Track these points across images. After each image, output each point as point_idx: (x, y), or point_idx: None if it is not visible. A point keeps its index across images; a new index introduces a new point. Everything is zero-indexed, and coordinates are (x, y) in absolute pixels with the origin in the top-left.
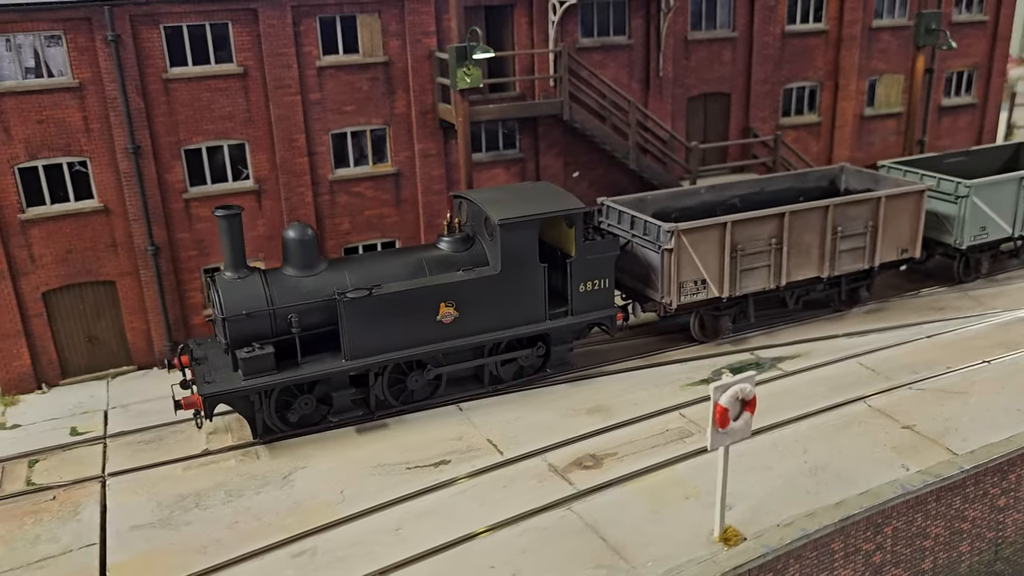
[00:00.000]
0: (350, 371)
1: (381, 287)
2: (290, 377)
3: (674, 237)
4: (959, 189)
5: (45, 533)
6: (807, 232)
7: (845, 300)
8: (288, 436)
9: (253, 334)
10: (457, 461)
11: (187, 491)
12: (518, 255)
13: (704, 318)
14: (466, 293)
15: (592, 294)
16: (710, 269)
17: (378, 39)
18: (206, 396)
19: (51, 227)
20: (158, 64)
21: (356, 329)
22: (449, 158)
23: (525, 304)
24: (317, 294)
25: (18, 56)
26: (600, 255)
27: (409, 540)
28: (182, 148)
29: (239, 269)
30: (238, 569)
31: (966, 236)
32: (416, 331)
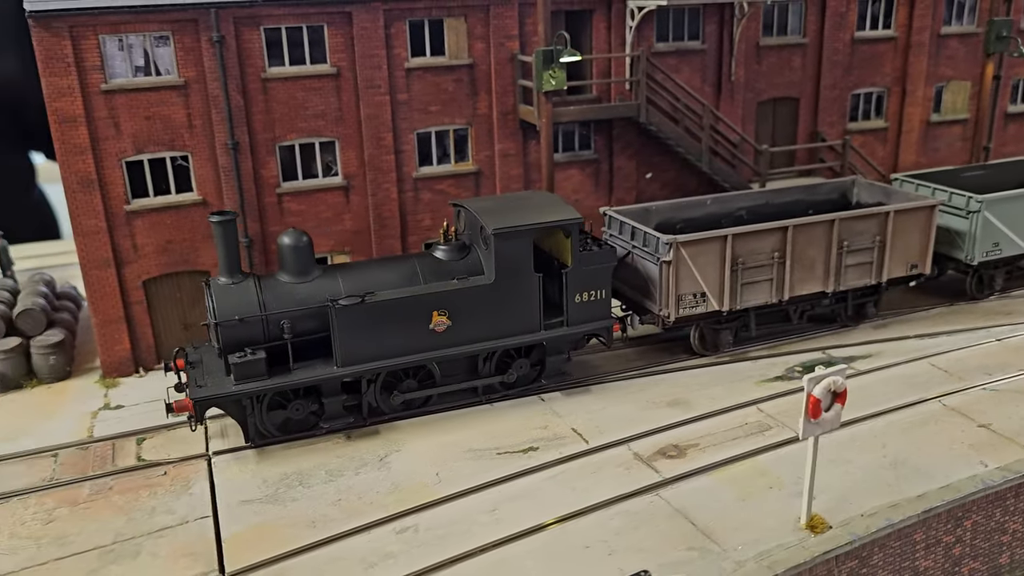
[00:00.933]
0: (342, 378)
1: (374, 295)
2: (281, 383)
3: (672, 249)
4: (970, 204)
5: (161, 505)
6: (811, 246)
7: (852, 316)
8: (281, 441)
9: (245, 339)
10: (544, 448)
11: (289, 470)
12: (512, 264)
13: (704, 331)
14: (459, 302)
15: (588, 305)
16: (710, 282)
17: (464, 42)
18: (196, 400)
19: (153, 218)
20: (257, 64)
21: (348, 336)
22: (527, 158)
23: (519, 314)
24: (310, 301)
25: (129, 55)
26: (597, 266)
27: (505, 521)
28: (277, 145)
29: (233, 274)
30: (347, 543)
31: (978, 252)
32: (409, 339)
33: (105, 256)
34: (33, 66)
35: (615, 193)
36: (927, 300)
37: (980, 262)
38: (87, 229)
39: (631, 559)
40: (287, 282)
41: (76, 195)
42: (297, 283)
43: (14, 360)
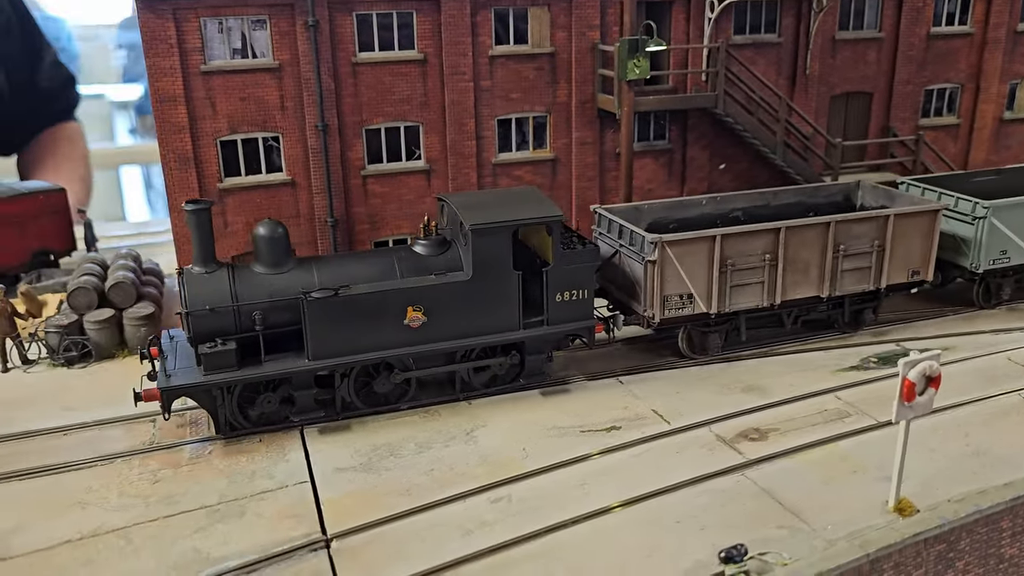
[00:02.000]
0: (313, 371)
1: (349, 288)
2: (251, 375)
3: (657, 248)
4: (976, 209)
5: (260, 470)
6: (805, 249)
7: (849, 322)
8: (251, 433)
9: (216, 330)
10: (627, 428)
11: (379, 441)
12: (490, 261)
13: (692, 334)
14: (435, 298)
15: (570, 304)
16: (697, 284)
17: (546, 31)
18: (163, 390)
19: (244, 196)
20: (348, 49)
21: (320, 330)
22: (603, 146)
23: (497, 312)
24: (283, 293)
25: (227, 38)
26: (579, 265)
27: (594, 495)
28: (364, 128)
29: (207, 264)
30: (443, 510)
31: (983, 259)
32: (383, 334)
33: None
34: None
35: (687, 183)
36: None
37: (987, 270)
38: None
39: (722, 534)
40: (261, 273)
41: (173, 172)
42: (271, 274)
43: (107, 331)
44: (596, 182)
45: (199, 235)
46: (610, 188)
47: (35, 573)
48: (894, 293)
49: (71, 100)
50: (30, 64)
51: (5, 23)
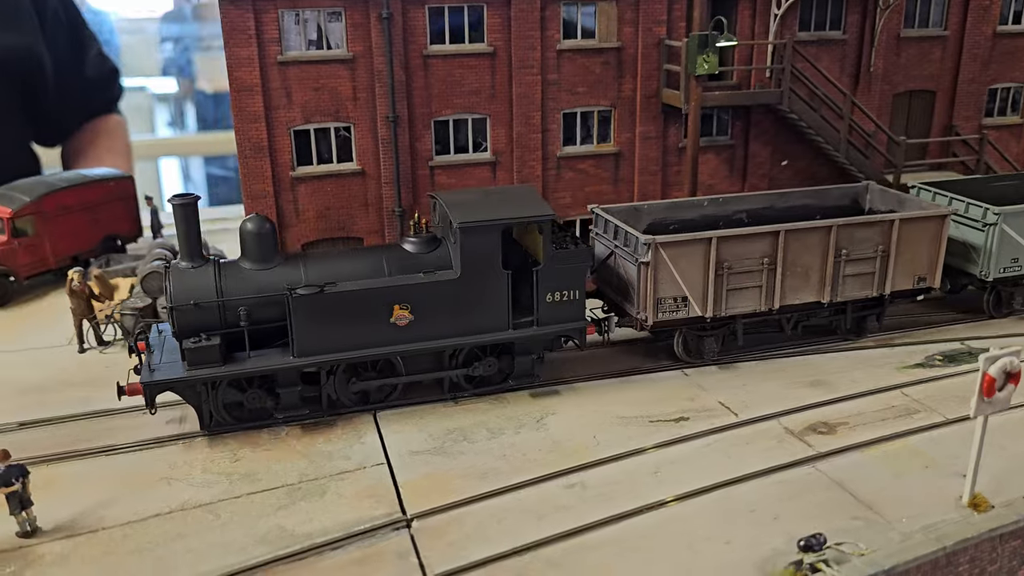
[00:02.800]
0: (298, 368)
1: (335, 285)
2: (234, 370)
3: (651, 250)
4: (987, 216)
5: (337, 452)
6: (806, 253)
7: (852, 329)
8: (237, 429)
9: (201, 324)
10: (695, 419)
11: (452, 426)
12: (479, 260)
13: (688, 338)
14: (422, 296)
15: (560, 305)
16: (692, 286)
17: (613, 26)
18: (146, 384)
19: (315, 185)
20: (420, 41)
21: (305, 326)
22: (666, 141)
23: (486, 311)
24: (269, 288)
25: (304, 30)
26: (570, 265)
27: (667, 482)
28: (432, 119)
29: (194, 259)
30: (518, 495)
31: (993, 267)
32: (369, 332)
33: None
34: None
35: (748, 179)
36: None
37: (997, 279)
38: (256, 193)
39: (796, 524)
40: (248, 269)
41: (248, 160)
42: (258, 270)
43: None
44: (658, 176)
45: (186, 229)
46: (671, 183)
47: (129, 544)
48: (900, 300)
49: (115, 93)
50: (76, 56)
51: (52, 16)
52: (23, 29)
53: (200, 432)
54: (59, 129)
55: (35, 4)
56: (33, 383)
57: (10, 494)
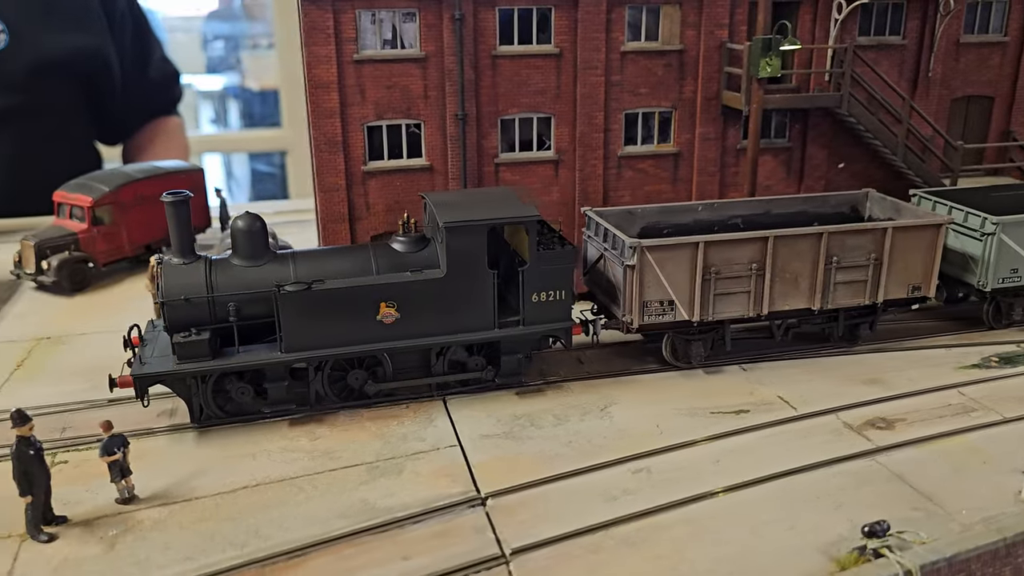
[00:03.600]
0: (285, 364)
1: (323, 282)
2: (223, 364)
3: (636, 253)
4: (985, 225)
5: (410, 433)
6: (795, 259)
7: (844, 336)
8: (227, 422)
9: (191, 320)
10: (755, 411)
11: (519, 412)
12: (465, 260)
13: (675, 342)
14: (408, 295)
15: (546, 305)
16: (679, 290)
17: (676, 28)
18: (136, 377)
19: (385, 180)
20: (489, 42)
21: (293, 323)
22: (725, 142)
23: (472, 310)
24: (258, 285)
25: (379, 29)
26: (555, 266)
27: (730, 471)
28: (499, 118)
29: (185, 255)
30: (586, 478)
31: (991, 277)
32: (355, 329)
33: (342, 211)
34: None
35: (805, 181)
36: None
37: (995, 289)
38: (329, 186)
39: (859, 513)
40: (238, 265)
41: (323, 155)
42: (248, 267)
43: None
44: (716, 177)
45: (177, 226)
46: (729, 183)
47: (221, 513)
48: (893, 308)
49: (176, 95)
50: (141, 59)
51: (120, 18)
52: (92, 30)
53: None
54: (121, 128)
55: (104, 6)
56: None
57: (112, 463)
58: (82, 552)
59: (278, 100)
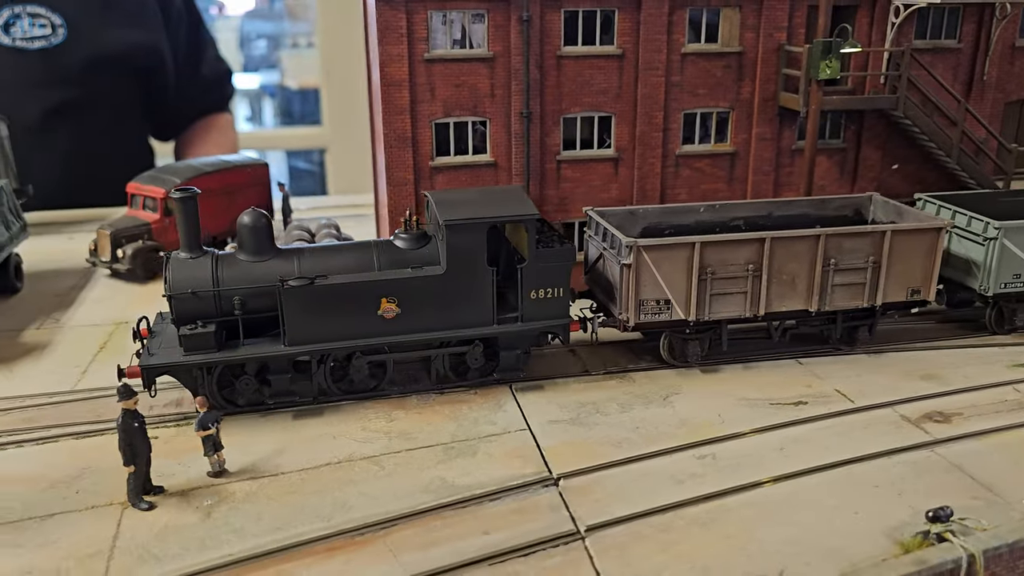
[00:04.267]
0: (289, 356)
1: (326, 278)
2: (227, 356)
3: (633, 252)
4: (988, 230)
5: (481, 417)
6: (792, 261)
7: (842, 339)
8: (232, 413)
9: (198, 312)
10: (813, 403)
11: (584, 400)
12: (464, 256)
13: (673, 341)
14: (409, 290)
15: (544, 302)
16: (675, 290)
17: (736, 31)
18: (144, 367)
19: (451, 175)
20: (555, 43)
21: (296, 317)
22: (780, 143)
23: (471, 306)
24: (263, 280)
25: (449, 30)
26: (553, 263)
27: (793, 458)
28: (562, 116)
29: (193, 250)
30: (652, 462)
31: (993, 282)
32: (357, 324)
33: (410, 205)
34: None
35: (858, 182)
36: None
37: (998, 294)
38: (398, 180)
39: (919, 500)
40: (244, 260)
41: (393, 150)
42: (253, 262)
43: None
44: (771, 176)
45: (185, 222)
46: (783, 183)
47: (307, 487)
48: (893, 312)
49: (228, 93)
50: (195, 56)
51: (176, 16)
52: (148, 27)
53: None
54: (174, 124)
55: (161, 3)
56: None
57: (206, 437)
58: (181, 520)
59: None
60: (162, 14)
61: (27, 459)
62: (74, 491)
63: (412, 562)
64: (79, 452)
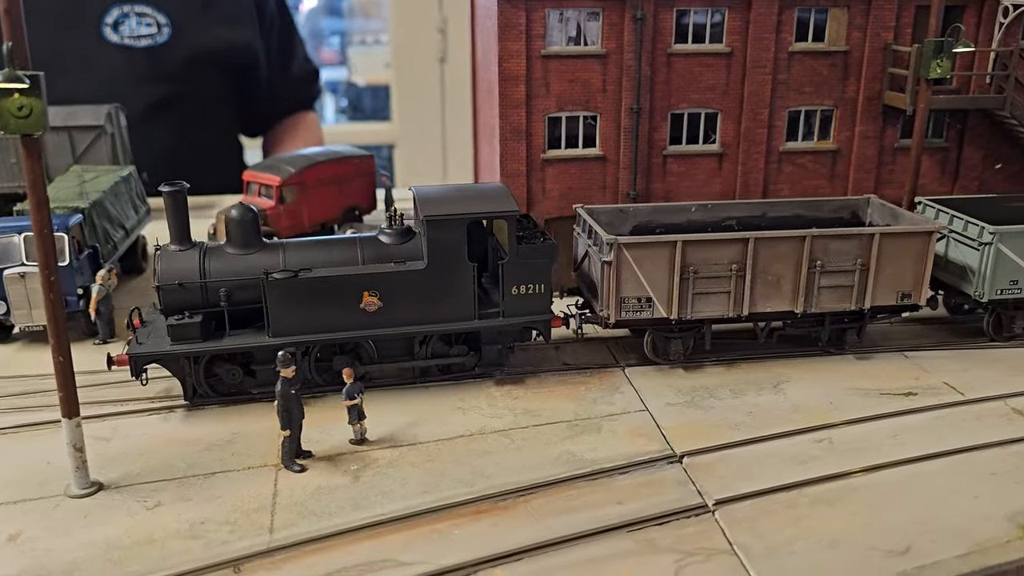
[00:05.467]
0: (272, 347)
1: (311, 271)
2: (213, 347)
3: (613, 249)
4: (983, 235)
5: (599, 398)
6: (777, 262)
7: (831, 341)
8: (217, 401)
9: (185, 303)
10: (923, 395)
11: (697, 385)
12: (445, 252)
13: (656, 339)
14: (391, 285)
15: (526, 298)
16: (657, 288)
17: (843, 30)
18: (132, 356)
19: (561, 167)
20: (666, 40)
21: (280, 309)
22: (883, 141)
23: (453, 301)
24: (248, 272)
25: (565, 27)
26: (534, 259)
27: (909, 444)
28: (670, 112)
29: (182, 242)
30: (771, 444)
31: (988, 288)
32: (340, 317)
33: (521, 196)
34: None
35: (959, 181)
36: None
37: (993, 300)
38: (511, 172)
39: None
40: (231, 253)
41: (508, 143)
42: (240, 254)
43: None
44: (873, 174)
45: (175, 215)
46: (884, 180)
47: (443, 455)
48: (883, 316)
49: (314, 92)
50: (285, 56)
51: (270, 17)
52: (244, 27)
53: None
54: (263, 121)
55: (256, 4)
56: None
57: (352, 406)
58: (332, 481)
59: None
60: (257, 14)
61: (182, 423)
62: (229, 453)
63: (555, 525)
64: (227, 418)
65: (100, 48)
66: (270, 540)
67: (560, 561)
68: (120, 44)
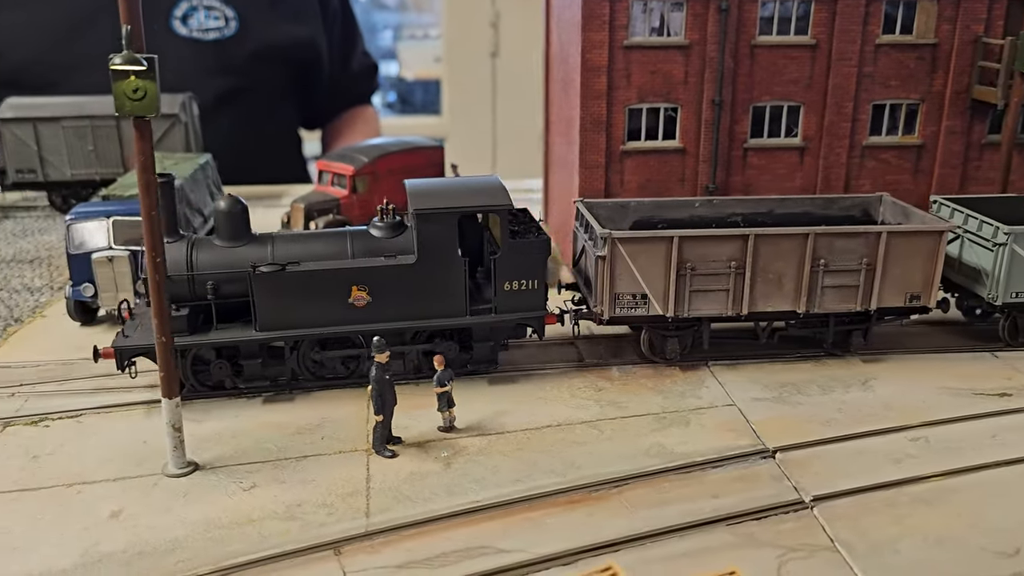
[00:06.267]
0: (259, 341)
1: (298, 265)
2: (199, 340)
3: (607, 244)
4: (997, 235)
5: (686, 392)
6: (778, 260)
7: (835, 343)
8: (204, 396)
9: (172, 296)
10: (1017, 395)
11: (784, 380)
12: (436, 246)
13: (652, 337)
14: (379, 279)
15: (519, 294)
16: (652, 284)
17: (932, 23)
18: (117, 348)
19: (640, 159)
20: (750, 32)
21: (267, 302)
22: (969, 136)
23: (443, 297)
24: (235, 265)
25: (648, 18)
26: (527, 255)
27: (1009, 446)
28: (752, 105)
29: (171, 235)
30: (866, 441)
31: (1002, 291)
32: (328, 311)
33: (600, 187)
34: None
35: None
36: None
37: (1008, 304)
38: (590, 163)
39: None
40: (220, 246)
41: (588, 134)
42: (227, 247)
43: None
44: (958, 170)
45: (163, 206)
46: (970, 177)
47: (533, 445)
48: (891, 317)
49: (373, 86)
50: (346, 51)
51: (332, 14)
52: (308, 22)
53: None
54: (323, 115)
55: (320, 1)
56: None
57: (442, 393)
58: (424, 468)
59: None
60: (321, 10)
61: (272, 407)
62: (319, 437)
63: (649, 517)
64: (314, 403)
65: (169, 40)
66: (367, 524)
67: (657, 553)
68: (188, 37)
